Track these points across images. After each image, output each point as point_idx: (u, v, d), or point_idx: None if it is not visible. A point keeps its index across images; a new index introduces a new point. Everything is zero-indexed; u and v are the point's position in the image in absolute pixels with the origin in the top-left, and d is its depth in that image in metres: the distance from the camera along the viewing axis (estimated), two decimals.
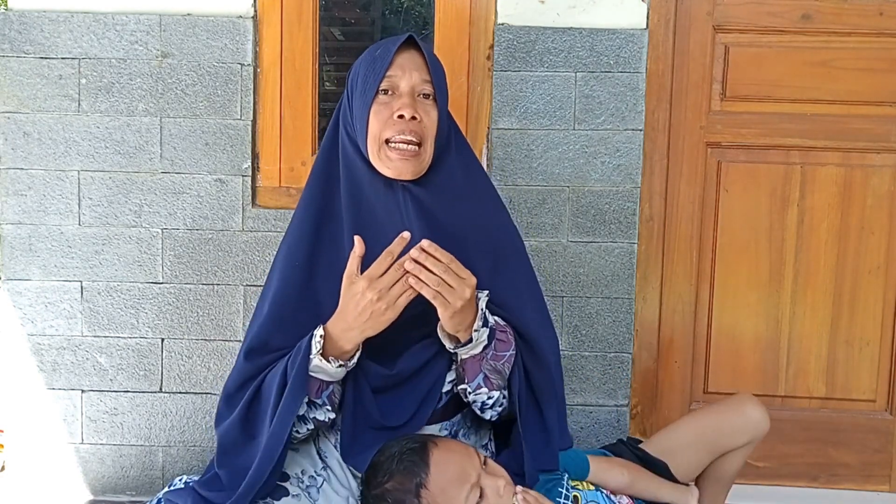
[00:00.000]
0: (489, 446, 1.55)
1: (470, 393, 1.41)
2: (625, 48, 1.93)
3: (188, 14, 1.93)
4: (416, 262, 1.27)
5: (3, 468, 2.10)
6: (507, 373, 1.41)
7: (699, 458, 1.67)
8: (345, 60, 2.22)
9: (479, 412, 1.45)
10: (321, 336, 1.32)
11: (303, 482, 1.40)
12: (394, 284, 1.29)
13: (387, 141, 1.40)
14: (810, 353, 2.07)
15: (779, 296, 2.06)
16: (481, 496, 1.29)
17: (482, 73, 1.97)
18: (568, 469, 1.52)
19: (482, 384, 1.39)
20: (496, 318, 1.40)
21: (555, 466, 1.48)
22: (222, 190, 1.96)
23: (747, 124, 2.03)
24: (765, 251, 2.05)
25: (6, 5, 1.94)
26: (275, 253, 1.92)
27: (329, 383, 1.35)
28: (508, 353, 1.40)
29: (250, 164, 1.97)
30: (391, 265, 1.28)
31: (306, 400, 1.34)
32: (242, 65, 1.94)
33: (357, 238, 1.31)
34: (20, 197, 1.96)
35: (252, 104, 1.96)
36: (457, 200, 1.48)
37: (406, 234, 1.30)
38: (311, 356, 1.32)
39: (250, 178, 1.97)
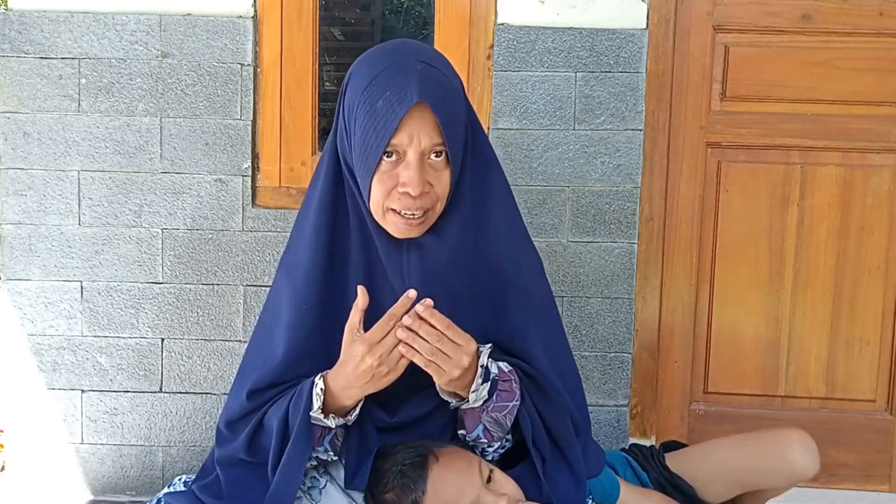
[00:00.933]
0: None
1: (469, 441, 1.36)
2: (625, 48, 1.93)
3: (188, 14, 1.93)
4: (410, 329, 1.20)
5: (3, 468, 2.10)
6: (509, 424, 1.34)
7: (730, 491, 1.58)
8: (345, 60, 2.22)
9: (479, 454, 1.39)
10: (321, 390, 1.27)
11: (304, 483, 1.39)
12: (396, 346, 1.21)
13: (391, 209, 1.25)
14: (810, 353, 2.07)
15: (779, 296, 2.06)
16: None
17: (482, 73, 1.97)
18: (594, 492, 1.45)
19: (481, 435, 1.34)
20: (501, 364, 1.33)
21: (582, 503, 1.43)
22: (222, 190, 1.96)
23: (747, 124, 2.03)
24: (765, 251, 2.05)
25: (6, 5, 1.94)
26: (274, 253, 1.94)
27: (331, 429, 1.30)
28: (511, 405, 1.32)
29: (250, 164, 1.97)
30: (393, 327, 1.21)
31: None
32: (242, 65, 1.94)
33: (361, 289, 1.23)
34: (20, 197, 1.96)
35: (252, 104, 1.96)
36: (465, 237, 1.34)
37: (412, 293, 1.21)
38: (312, 412, 1.27)
39: (250, 178, 1.97)
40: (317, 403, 1.26)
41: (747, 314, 2.07)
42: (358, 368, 1.22)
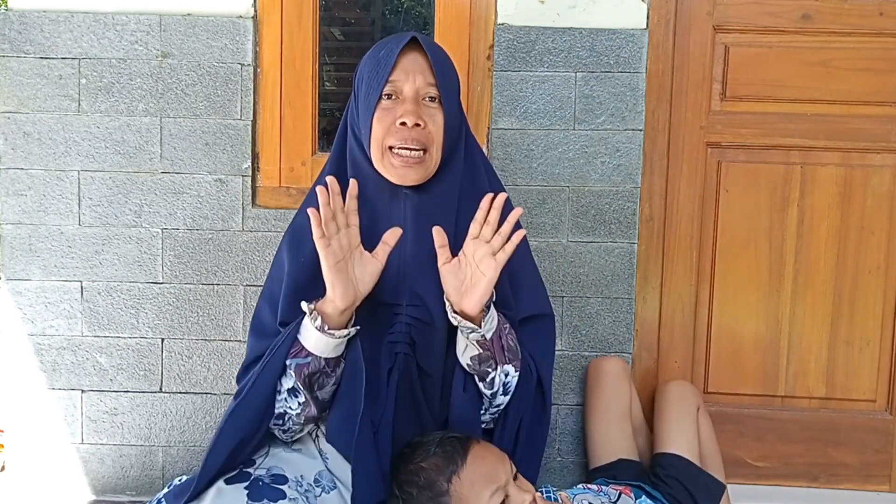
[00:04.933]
0: None
1: (503, 374, 1.43)
2: (625, 48, 1.93)
3: (188, 14, 1.93)
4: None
5: (3, 468, 2.11)
6: (517, 346, 1.44)
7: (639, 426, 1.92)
8: (345, 60, 2.21)
9: (491, 409, 1.47)
10: (313, 303, 1.36)
11: (301, 486, 1.39)
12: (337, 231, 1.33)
13: (390, 148, 1.39)
14: (810, 353, 2.07)
15: (779, 296, 2.06)
16: (505, 502, 1.32)
17: (482, 73, 1.97)
18: None
19: (507, 363, 1.43)
20: None
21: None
22: (222, 190, 1.96)
23: (747, 124, 2.03)
24: (765, 251, 2.05)
25: (6, 5, 1.94)
26: (274, 253, 1.94)
27: (309, 356, 1.36)
28: (508, 326, 1.43)
29: (250, 164, 1.97)
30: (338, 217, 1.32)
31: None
32: (242, 65, 1.94)
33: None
34: (20, 197, 1.96)
35: (252, 104, 1.96)
36: (458, 208, 1.46)
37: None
38: (308, 314, 1.35)
39: (250, 178, 1.97)
40: (306, 307, 1.34)
41: (747, 314, 2.07)
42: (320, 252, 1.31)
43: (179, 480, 1.46)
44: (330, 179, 1.29)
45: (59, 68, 1.94)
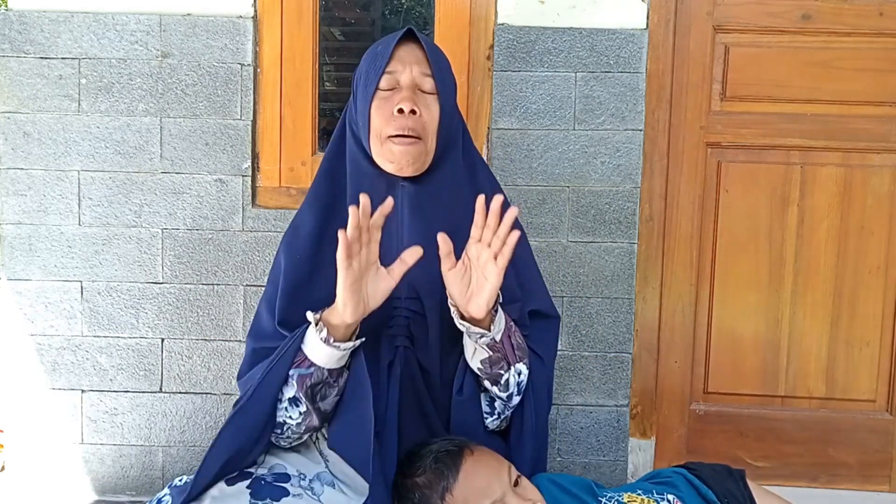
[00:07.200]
0: None
1: (516, 374, 1.41)
2: (625, 48, 1.93)
3: (188, 14, 1.93)
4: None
5: (3, 468, 2.11)
6: (524, 342, 1.43)
7: None
8: (345, 60, 2.22)
9: (505, 411, 1.45)
10: (319, 312, 1.34)
11: (304, 480, 1.39)
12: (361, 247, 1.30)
13: (389, 137, 1.40)
14: (810, 353, 2.07)
15: (779, 296, 2.06)
16: None
17: (482, 73, 1.97)
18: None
19: (518, 361, 1.40)
20: None
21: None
22: (222, 190, 1.96)
23: (747, 124, 2.03)
24: (765, 251, 2.05)
25: (6, 5, 1.94)
26: (274, 253, 1.94)
27: (312, 367, 1.33)
28: (514, 325, 1.41)
29: (250, 164, 1.97)
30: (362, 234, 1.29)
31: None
32: (242, 65, 1.94)
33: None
34: (20, 197, 1.96)
35: (252, 104, 1.96)
36: (454, 202, 1.46)
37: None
38: (310, 330, 1.32)
39: (250, 178, 1.97)
40: (312, 317, 1.32)
41: (747, 314, 2.07)
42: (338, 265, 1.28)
43: (180, 480, 1.46)
44: (363, 198, 1.27)
45: (59, 68, 1.94)
